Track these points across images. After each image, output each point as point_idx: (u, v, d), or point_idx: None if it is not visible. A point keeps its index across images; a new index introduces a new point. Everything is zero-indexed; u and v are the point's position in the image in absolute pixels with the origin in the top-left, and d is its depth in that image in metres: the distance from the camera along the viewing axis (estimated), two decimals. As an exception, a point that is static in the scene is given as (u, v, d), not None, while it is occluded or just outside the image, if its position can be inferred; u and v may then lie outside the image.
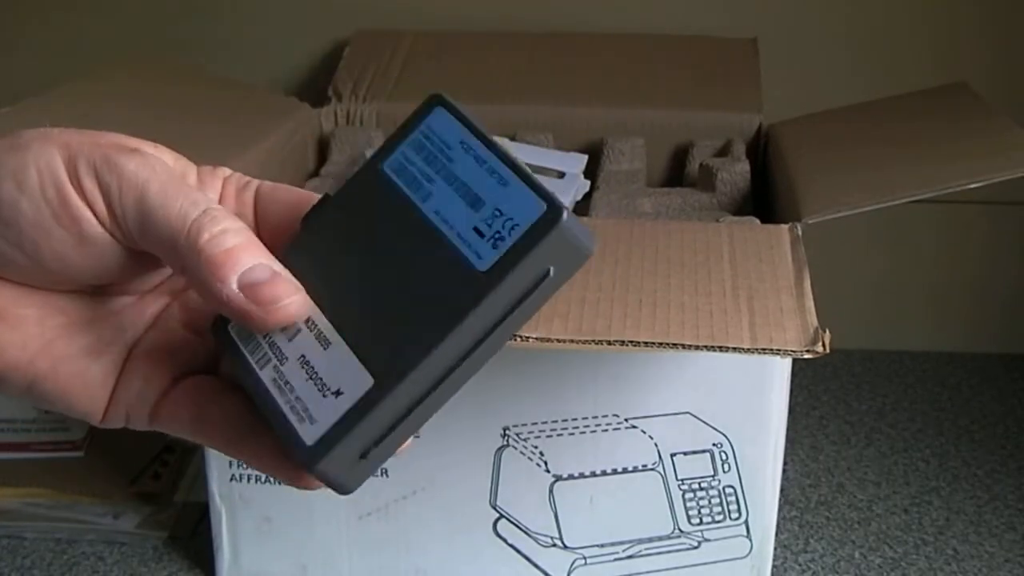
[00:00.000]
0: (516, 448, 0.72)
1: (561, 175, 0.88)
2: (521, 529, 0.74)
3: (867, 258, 1.11)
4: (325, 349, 0.34)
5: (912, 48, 1.06)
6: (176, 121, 0.86)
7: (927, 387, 1.06)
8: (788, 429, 0.72)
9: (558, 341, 0.59)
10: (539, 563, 0.75)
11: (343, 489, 0.34)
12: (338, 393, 0.33)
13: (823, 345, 0.57)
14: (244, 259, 0.33)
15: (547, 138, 0.94)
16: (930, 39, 1.06)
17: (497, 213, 0.33)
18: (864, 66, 1.06)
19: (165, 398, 0.36)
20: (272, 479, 0.74)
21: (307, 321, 0.35)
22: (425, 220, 0.34)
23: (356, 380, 0.33)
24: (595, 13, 1.07)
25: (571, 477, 0.72)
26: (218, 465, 0.75)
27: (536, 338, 0.59)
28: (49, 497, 0.87)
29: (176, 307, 0.38)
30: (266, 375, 0.35)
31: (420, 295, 0.33)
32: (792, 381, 0.71)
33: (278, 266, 0.34)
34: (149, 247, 0.34)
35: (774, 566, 0.77)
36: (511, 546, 0.75)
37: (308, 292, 0.35)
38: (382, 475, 0.74)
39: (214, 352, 0.38)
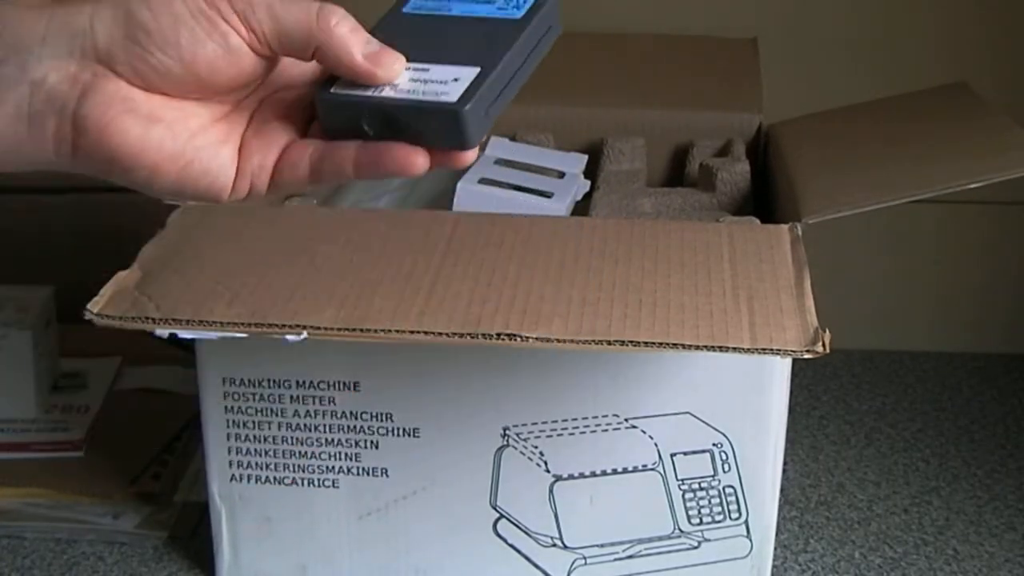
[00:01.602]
0: (516, 448, 0.72)
1: (561, 175, 0.88)
2: (521, 529, 0.74)
3: (867, 258, 1.11)
4: (428, 71, 0.46)
5: (912, 48, 1.06)
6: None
7: (927, 387, 1.06)
8: (788, 429, 0.72)
9: (558, 341, 0.59)
10: (539, 563, 0.75)
11: (471, 140, 0.45)
12: (456, 79, 0.45)
13: (823, 345, 0.57)
14: (362, 37, 0.46)
15: (547, 138, 0.94)
16: (930, 39, 1.06)
17: None
18: (864, 66, 1.06)
19: (280, 162, 0.47)
20: (273, 479, 0.75)
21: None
22: (459, 13, 0.49)
23: (466, 71, 0.46)
24: (595, 13, 1.07)
25: (571, 477, 0.72)
26: (218, 465, 0.75)
27: (536, 338, 0.59)
28: (49, 497, 0.87)
29: (273, 98, 0.49)
30: (386, 94, 0.46)
31: (484, 33, 0.47)
32: (792, 381, 0.71)
33: (379, 44, 0.47)
34: (283, 45, 0.45)
35: (774, 566, 0.77)
36: (511, 546, 0.75)
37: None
38: (383, 475, 0.74)
39: (310, 124, 0.48)
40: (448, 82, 0.46)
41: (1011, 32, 1.05)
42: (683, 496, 0.72)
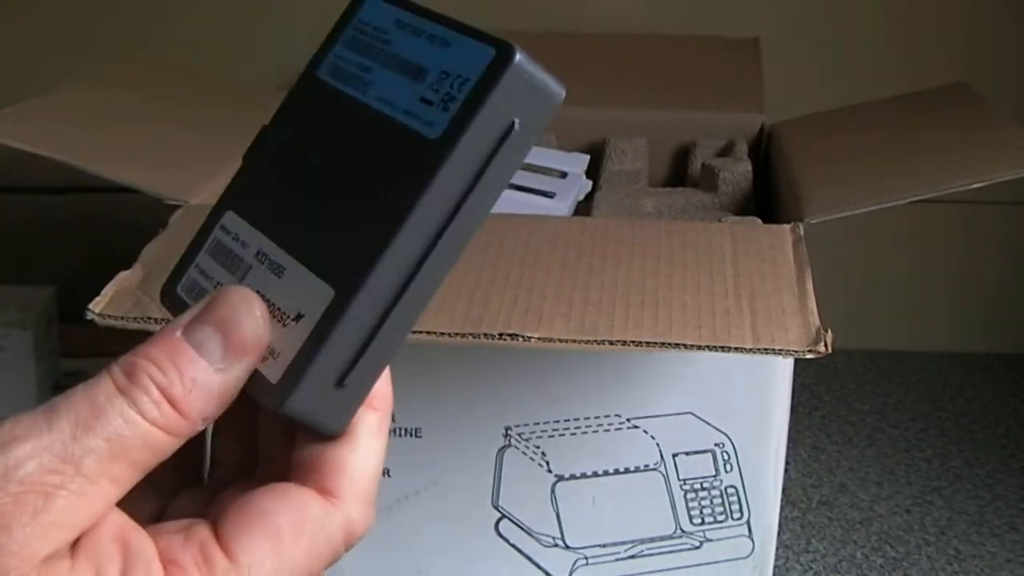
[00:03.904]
0: (518, 448, 0.72)
1: (563, 175, 0.88)
2: (523, 529, 0.74)
3: (869, 258, 1.11)
4: (279, 277, 0.30)
5: (914, 48, 1.06)
6: (176, 121, 0.86)
7: (929, 387, 1.06)
8: (790, 429, 0.72)
9: (560, 341, 0.59)
10: (541, 563, 0.75)
11: (327, 428, 0.30)
12: (299, 317, 0.29)
13: (825, 345, 0.57)
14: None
15: (549, 138, 0.94)
16: (932, 39, 1.06)
17: (443, 75, 0.30)
18: (866, 66, 1.06)
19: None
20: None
21: (256, 254, 0.31)
22: (370, 111, 0.30)
23: (316, 297, 0.29)
24: (597, 13, 1.07)
25: (573, 477, 0.72)
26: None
27: (538, 338, 0.59)
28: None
29: None
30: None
31: (370, 184, 0.29)
32: (794, 381, 0.71)
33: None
34: None
35: (776, 566, 0.77)
36: (513, 546, 0.75)
37: (255, 222, 0.32)
38: (384, 475, 0.74)
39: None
40: (288, 321, 0.30)
41: (1012, 32, 1.05)
42: (685, 496, 0.72)
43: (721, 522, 0.73)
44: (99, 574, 0.29)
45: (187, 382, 0.30)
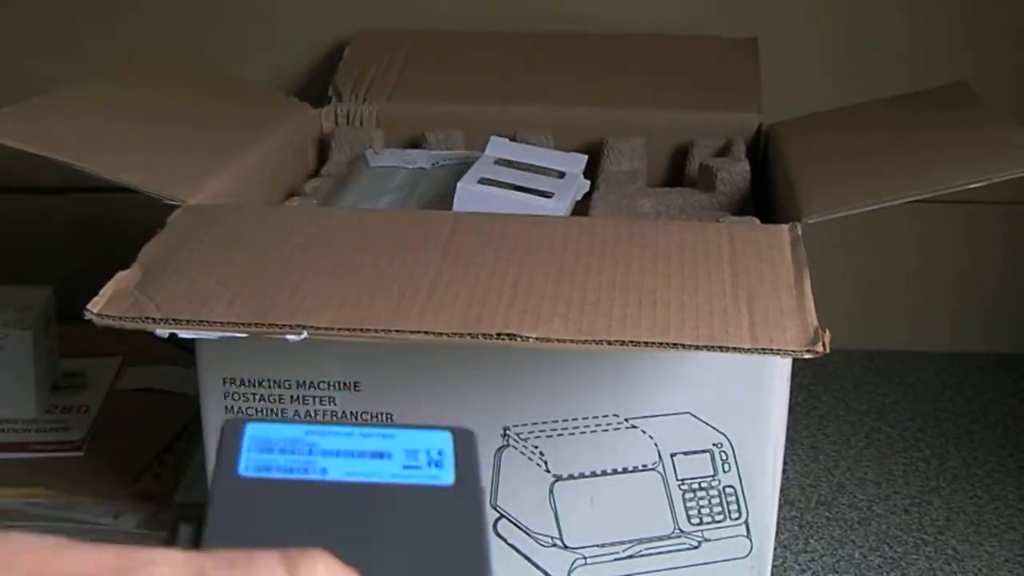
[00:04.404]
0: (516, 448, 0.72)
1: (561, 175, 0.88)
2: (521, 529, 0.74)
3: (867, 258, 1.11)
4: None
5: (912, 48, 1.06)
6: (176, 121, 0.86)
7: (927, 387, 1.06)
8: (788, 429, 0.72)
9: (558, 341, 0.59)
10: (539, 563, 0.75)
11: None
12: None
13: (823, 345, 0.57)
14: None
15: (547, 138, 0.94)
16: (931, 40, 1.06)
17: (413, 451, 0.35)
18: (864, 66, 1.06)
19: None
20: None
21: None
22: (339, 483, 0.34)
23: None
24: (595, 13, 1.07)
25: (571, 477, 0.72)
26: (218, 465, 0.75)
27: (536, 338, 0.59)
28: (49, 497, 0.87)
29: None
30: None
31: (405, 531, 0.32)
32: (792, 381, 0.71)
33: None
34: None
35: (774, 566, 0.77)
36: (511, 546, 0.75)
37: None
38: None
39: None
40: None
41: (1012, 32, 1.05)
42: (683, 496, 0.72)
43: (719, 522, 0.73)
44: None
45: None
